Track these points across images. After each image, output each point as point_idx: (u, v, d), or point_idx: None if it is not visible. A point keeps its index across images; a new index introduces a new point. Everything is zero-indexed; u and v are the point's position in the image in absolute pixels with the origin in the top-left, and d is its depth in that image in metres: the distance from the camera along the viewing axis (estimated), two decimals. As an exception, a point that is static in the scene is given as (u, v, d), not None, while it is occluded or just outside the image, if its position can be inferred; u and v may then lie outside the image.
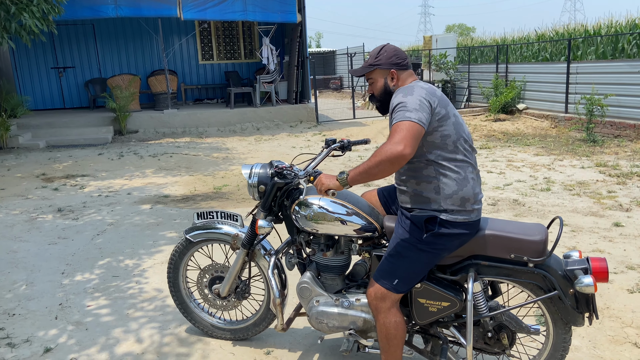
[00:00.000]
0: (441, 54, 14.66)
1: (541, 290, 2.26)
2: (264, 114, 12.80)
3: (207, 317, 3.10)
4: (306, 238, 2.60)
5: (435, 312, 2.33)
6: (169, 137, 11.52)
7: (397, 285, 2.25)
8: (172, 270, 3.02)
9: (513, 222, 2.33)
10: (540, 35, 15.33)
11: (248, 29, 15.11)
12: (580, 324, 2.26)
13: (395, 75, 2.31)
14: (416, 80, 2.32)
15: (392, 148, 2.00)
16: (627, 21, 12.69)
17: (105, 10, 10.87)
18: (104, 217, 5.60)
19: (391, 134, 2.06)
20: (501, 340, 2.35)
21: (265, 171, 2.63)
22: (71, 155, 9.52)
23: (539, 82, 12.14)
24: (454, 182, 2.20)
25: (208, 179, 7.37)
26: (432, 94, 2.19)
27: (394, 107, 2.14)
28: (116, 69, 14.18)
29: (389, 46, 2.37)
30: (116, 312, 3.48)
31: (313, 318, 2.55)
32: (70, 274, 4.11)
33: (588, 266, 2.18)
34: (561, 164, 7.59)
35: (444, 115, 2.18)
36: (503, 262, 2.26)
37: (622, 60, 10.51)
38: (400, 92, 2.20)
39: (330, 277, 2.58)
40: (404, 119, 2.05)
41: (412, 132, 2.03)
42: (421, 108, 2.09)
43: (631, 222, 4.88)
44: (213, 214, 2.93)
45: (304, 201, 2.48)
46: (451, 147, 2.20)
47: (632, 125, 9.43)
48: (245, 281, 2.92)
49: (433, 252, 2.23)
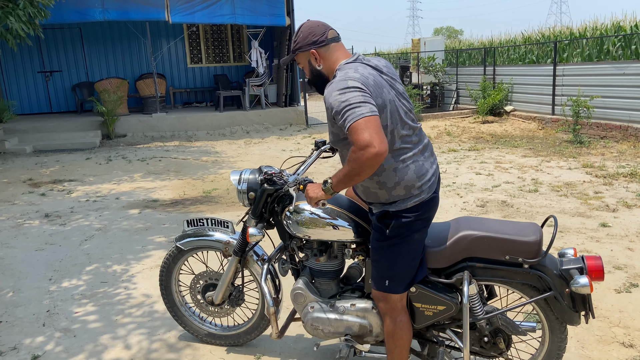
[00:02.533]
0: (429, 56, 14.75)
1: (537, 291, 2.24)
2: (254, 117, 12.78)
3: (200, 323, 3.07)
4: (299, 243, 2.57)
5: (432, 316, 2.32)
6: (158, 141, 11.46)
7: (390, 286, 2.24)
8: (164, 277, 2.99)
9: (507, 222, 2.31)
10: (526, 37, 15.50)
11: (237, 32, 15.09)
12: (576, 323, 2.25)
13: (316, 55, 2.17)
14: (345, 63, 2.14)
15: (367, 151, 1.89)
16: (612, 23, 12.89)
17: (93, 14, 10.80)
18: (92, 223, 5.55)
19: (355, 135, 1.92)
20: (497, 344, 2.34)
21: (255, 177, 2.59)
22: (58, 160, 9.43)
23: (526, 85, 12.26)
24: (392, 173, 2.14)
25: (197, 183, 7.34)
26: (365, 84, 2.01)
27: (338, 110, 1.97)
28: (104, 73, 14.08)
29: (304, 26, 2.20)
30: (104, 318, 3.45)
31: (308, 324, 2.52)
32: (57, 281, 4.07)
33: (583, 265, 2.17)
34: (548, 165, 7.66)
35: (380, 105, 2.04)
36: (498, 263, 2.24)
37: (608, 62, 10.64)
38: (333, 89, 2.01)
39: (325, 282, 2.56)
40: (359, 117, 1.92)
41: (375, 126, 1.91)
42: (364, 98, 1.95)
43: (618, 223, 4.94)
44: (203, 221, 2.90)
45: (295, 207, 2.46)
46: (389, 138, 2.10)
47: (617, 126, 9.55)
48: (238, 288, 2.89)
49: (403, 244, 2.20)
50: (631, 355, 2.80)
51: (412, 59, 15.94)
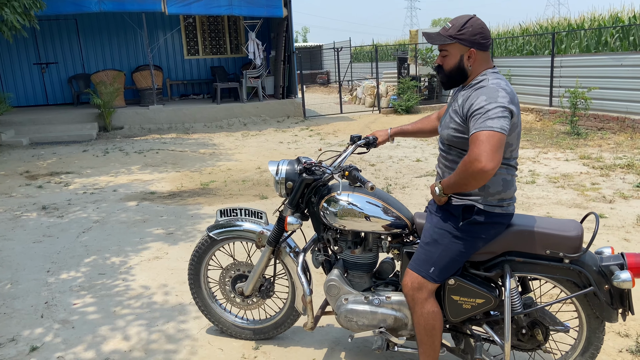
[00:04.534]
0: (427, 48, 14.71)
1: (576, 286, 2.24)
2: (251, 109, 12.75)
3: (229, 316, 3.04)
4: (333, 235, 2.57)
5: (469, 309, 2.30)
6: (155, 133, 11.43)
7: (433, 273, 2.23)
8: (194, 269, 2.95)
9: (546, 219, 2.31)
10: (524, 29, 15.46)
11: (234, 23, 15.01)
12: (614, 320, 2.24)
13: (473, 55, 2.14)
14: (492, 71, 2.17)
15: (473, 165, 1.97)
16: (610, 15, 12.86)
17: (88, 5, 10.72)
18: (90, 215, 5.55)
19: (472, 145, 2.00)
20: (535, 336, 2.33)
21: (293, 167, 2.59)
22: (55, 152, 9.40)
23: (524, 76, 12.25)
24: (500, 183, 2.19)
25: (195, 175, 7.33)
26: (512, 101, 2.06)
27: (475, 110, 2.03)
28: (100, 65, 14.01)
29: (475, 20, 2.14)
30: (103, 310, 3.45)
31: (342, 316, 2.51)
32: (55, 272, 4.07)
33: (624, 262, 2.17)
34: (546, 156, 7.68)
35: (515, 124, 2.11)
36: (538, 258, 2.24)
37: (606, 53, 10.63)
38: (483, 93, 2.06)
39: (358, 275, 2.56)
40: (486, 129, 1.97)
41: (494, 143, 1.96)
42: (503, 114, 2.00)
43: (614, 214, 4.96)
44: (237, 211, 2.88)
45: (333, 197, 2.47)
46: (507, 154, 2.17)
47: (615, 117, 9.56)
48: (269, 279, 2.88)
49: (469, 241, 2.21)
50: (627, 345, 2.83)
51: (410, 50, 15.89)
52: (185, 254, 4.33)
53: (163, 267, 4.12)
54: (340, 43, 21.55)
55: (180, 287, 3.75)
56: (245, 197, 6.05)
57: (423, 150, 8.57)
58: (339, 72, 15.30)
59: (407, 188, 6.14)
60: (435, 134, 2.72)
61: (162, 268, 4.09)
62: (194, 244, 4.52)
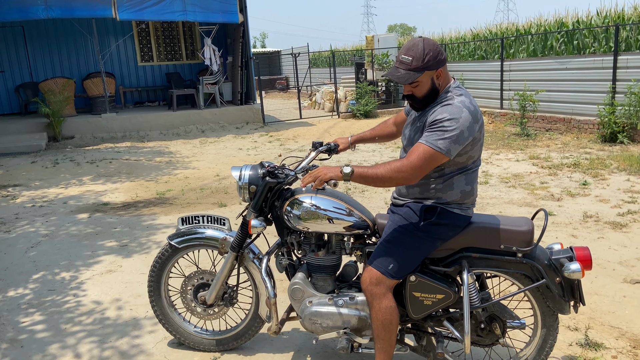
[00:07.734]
0: (383, 53, 14.93)
1: (529, 280, 2.33)
2: (209, 116, 12.59)
3: (188, 326, 2.97)
4: (297, 238, 2.59)
5: (430, 305, 2.36)
6: (108, 142, 11.11)
7: (392, 270, 2.28)
8: (154, 278, 2.87)
9: (500, 216, 2.41)
10: (475, 34, 15.92)
11: (189, 29, 14.81)
12: (567, 312, 2.33)
13: (441, 74, 2.26)
14: (455, 86, 2.28)
15: (403, 172, 2.10)
16: (555, 20, 13.40)
17: (35, 11, 10.34)
18: (38, 229, 5.33)
19: (411, 153, 2.12)
20: (493, 331, 2.41)
21: (256, 172, 2.59)
22: (2, 164, 8.99)
23: (476, 80, 12.62)
24: (462, 185, 2.30)
25: (150, 184, 7.16)
26: (475, 120, 2.18)
27: (434, 121, 2.15)
28: (49, 73, 13.53)
29: (428, 42, 2.22)
30: (53, 327, 3.32)
31: (307, 319, 2.52)
32: (2, 290, 3.88)
33: (573, 255, 2.27)
34: (498, 157, 7.92)
35: (477, 138, 2.23)
36: (493, 253, 2.33)
37: (551, 57, 11.09)
38: (446, 111, 2.16)
39: (322, 278, 2.58)
40: (430, 145, 2.10)
41: (431, 161, 2.11)
42: (457, 139, 2.11)
43: (562, 211, 5.16)
44: (199, 219, 2.84)
45: (296, 200, 2.48)
46: (471, 163, 2.31)
47: (561, 119, 9.97)
48: (232, 287, 2.85)
49: (427, 240, 2.30)
50: (576, 338, 2.93)
51: (367, 55, 16.10)
52: (141, 266, 4.22)
53: (116, 280, 4.00)
54: (299, 49, 21.58)
55: (135, 300, 3.65)
56: (203, 205, 5.96)
57: (382, 154, 8.68)
58: (298, 78, 15.32)
59: (366, 192, 6.20)
60: (392, 138, 2.84)
61: (115, 282, 3.97)
62: (150, 256, 4.41)
